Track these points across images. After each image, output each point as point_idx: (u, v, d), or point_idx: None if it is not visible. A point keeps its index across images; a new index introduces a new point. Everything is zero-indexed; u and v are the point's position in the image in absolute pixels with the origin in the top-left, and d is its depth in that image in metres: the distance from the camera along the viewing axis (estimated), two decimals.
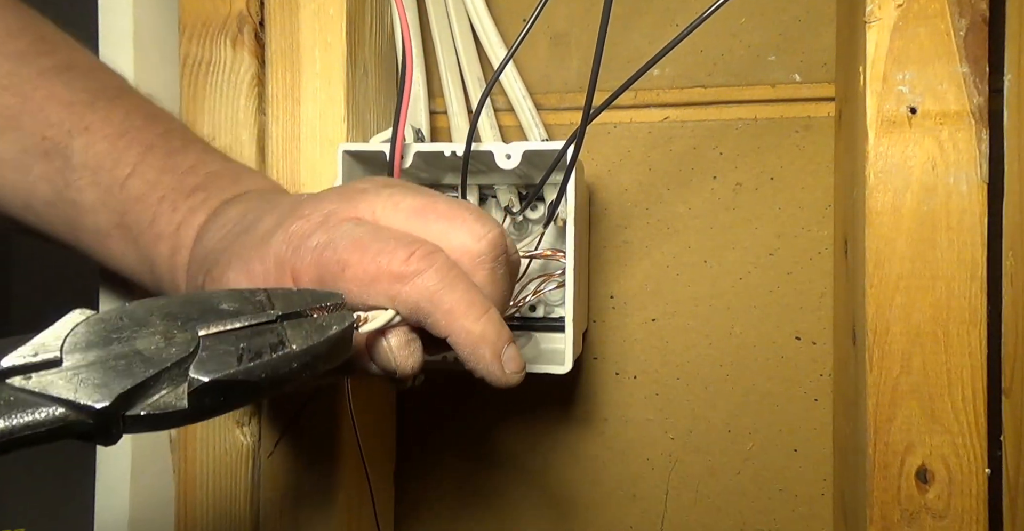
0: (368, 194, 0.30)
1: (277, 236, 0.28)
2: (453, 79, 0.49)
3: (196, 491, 0.46)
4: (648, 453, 0.52)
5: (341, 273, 0.27)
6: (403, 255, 0.27)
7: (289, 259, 0.28)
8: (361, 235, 0.28)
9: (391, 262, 0.27)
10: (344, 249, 0.27)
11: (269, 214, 0.30)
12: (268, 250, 0.28)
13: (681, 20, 0.50)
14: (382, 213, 0.29)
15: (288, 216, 0.29)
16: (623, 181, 0.51)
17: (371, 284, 0.27)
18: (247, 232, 0.30)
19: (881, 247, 0.38)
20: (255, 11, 0.45)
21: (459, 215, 0.29)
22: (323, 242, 0.28)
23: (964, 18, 0.37)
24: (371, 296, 0.28)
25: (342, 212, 0.29)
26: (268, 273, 0.28)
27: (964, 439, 0.37)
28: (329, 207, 0.29)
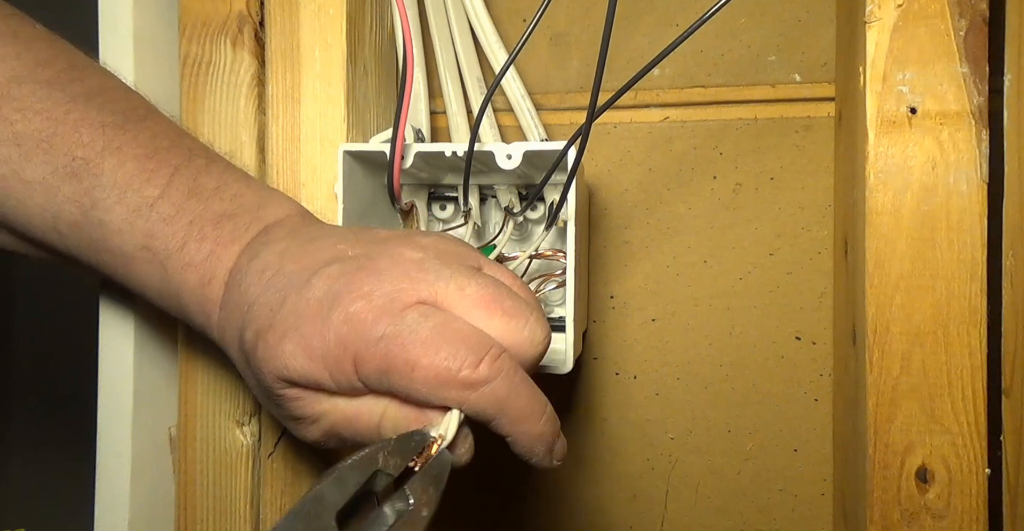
0: (430, 273, 0.30)
1: (337, 315, 0.29)
2: (452, 79, 0.49)
3: (196, 491, 0.46)
4: (648, 453, 0.52)
5: (410, 373, 0.28)
6: (473, 361, 0.28)
7: (352, 344, 0.28)
8: (429, 334, 0.28)
9: (461, 369, 0.28)
10: (412, 347, 0.28)
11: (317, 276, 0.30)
12: (328, 329, 0.28)
13: (681, 20, 0.50)
14: (445, 299, 0.30)
15: (344, 289, 0.29)
16: (623, 181, 0.51)
17: (440, 388, 0.28)
18: (296, 293, 0.30)
19: (881, 247, 0.38)
20: (255, 11, 0.45)
21: (523, 315, 0.30)
22: (390, 335, 0.28)
23: (964, 18, 0.37)
24: (439, 399, 0.28)
25: (404, 296, 0.29)
26: (328, 352, 0.28)
27: (964, 439, 0.37)
28: (389, 287, 0.29)
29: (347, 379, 0.29)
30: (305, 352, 0.29)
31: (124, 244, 0.34)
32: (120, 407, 0.45)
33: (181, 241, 0.33)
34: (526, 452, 0.30)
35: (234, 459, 0.45)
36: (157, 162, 0.34)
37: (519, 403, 0.29)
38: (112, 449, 0.45)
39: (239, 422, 0.45)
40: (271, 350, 0.29)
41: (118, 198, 0.33)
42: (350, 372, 0.29)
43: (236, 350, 0.32)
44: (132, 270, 0.34)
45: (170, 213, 0.33)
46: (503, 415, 0.29)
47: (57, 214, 0.34)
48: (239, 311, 0.32)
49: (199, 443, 0.45)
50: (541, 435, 0.30)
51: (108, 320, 0.45)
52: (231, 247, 0.33)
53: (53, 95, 0.34)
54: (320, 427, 0.31)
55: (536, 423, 0.30)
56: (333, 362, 0.29)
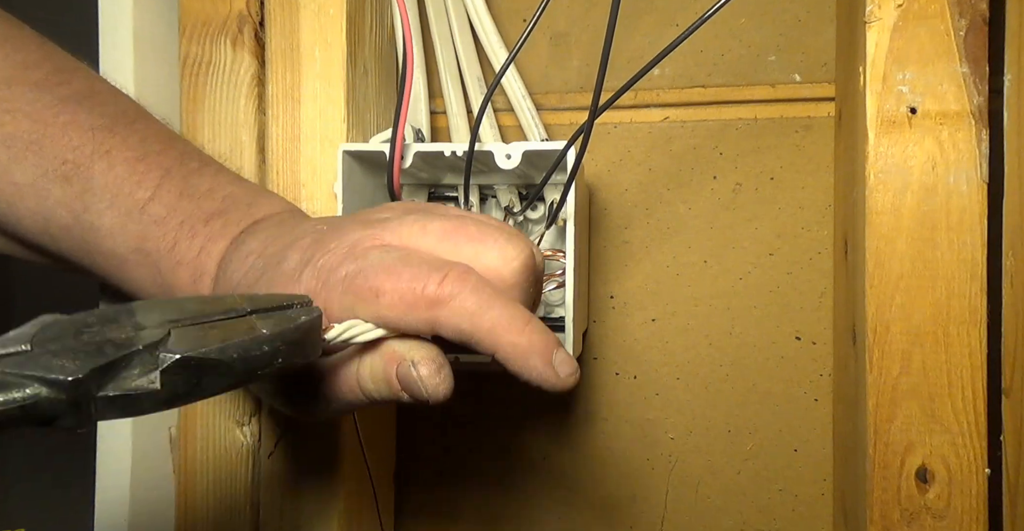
0: (392, 222, 0.30)
1: (307, 272, 0.29)
2: (453, 79, 0.49)
3: (196, 491, 0.46)
4: (648, 453, 0.52)
5: (376, 300, 0.27)
6: (437, 278, 0.27)
7: (320, 292, 0.28)
8: (391, 261, 0.28)
9: (426, 287, 0.27)
10: (375, 276, 0.27)
11: (292, 248, 0.30)
12: (299, 286, 0.29)
13: (681, 20, 0.50)
14: (410, 238, 0.29)
15: (314, 251, 0.29)
16: (623, 181, 0.51)
17: (408, 311, 0.27)
18: (274, 267, 0.30)
19: (881, 247, 0.38)
20: (255, 11, 0.45)
21: (490, 236, 0.29)
22: (352, 271, 0.28)
23: (964, 18, 0.37)
24: (409, 322, 0.28)
25: (367, 240, 0.29)
26: None
27: (964, 439, 0.37)
28: (353, 237, 0.29)
29: None
30: None
31: (116, 247, 0.34)
32: None
33: (172, 241, 0.33)
34: (523, 369, 0.28)
35: (234, 459, 0.45)
36: (147, 165, 0.34)
37: (492, 313, 0.27)
38: (112, 449, 0.45)
39: (239, 422, 0.45)
40: None
41: (109, 202, 0.33)
42: None
43: None
44: (125, 273, 0.34)
45: (161, 215, 0.33)
46: (478, 328, 0.27)
47: (48, 217, 0.34)
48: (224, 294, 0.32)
49: (199, 443, 0.45)
50: (531, 345, 0.28)
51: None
52: (220, 242, 0.33)
53: (42, 97, 0.34)
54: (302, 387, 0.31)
55: (520, 333, 0.28)
56: None
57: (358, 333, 0.28)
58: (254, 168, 0.45)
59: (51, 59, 0.36)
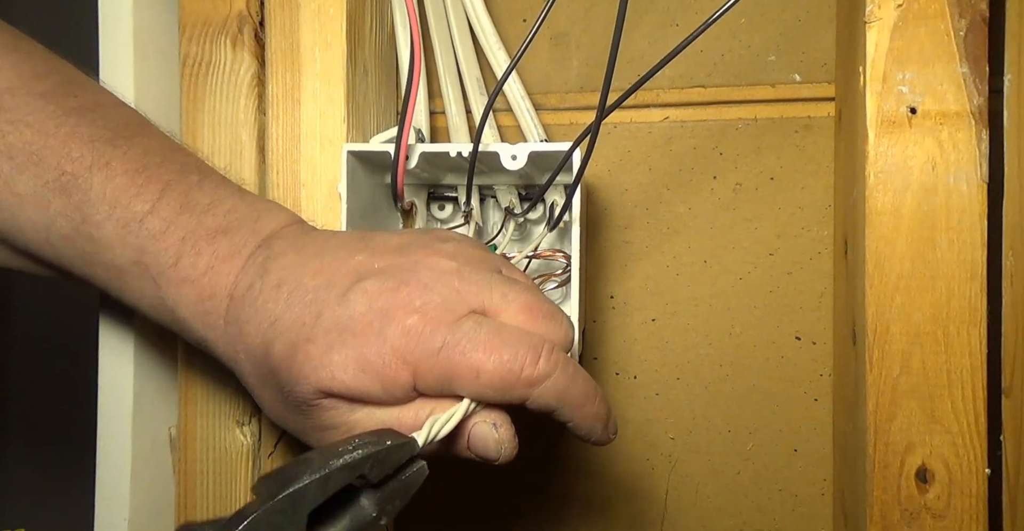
0: (473, 285, 0.32)
1: (392, 329, 0.30)
2: (452, 80, 0.49)
3: (196, 491, 0.46)
4: (648, 453, 0.52)
5: (475, 379, 0.30)
6: (532, 359, 0.30)
7: (412, 357, 0.30)
8: (487, 337, 0.30)
9: (524, 368, 0.30)
10: (474, 353, 0.30)
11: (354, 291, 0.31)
12: (385, 343, 0.30)
13: (682, 20, 0.50)
14: (491, 306, 0.32)
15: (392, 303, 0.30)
16: (623, 181, 0.51)
17: (507, 389, 0.30)
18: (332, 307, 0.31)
19: (881, 247, 0.38)
20: (255, 11, 0.45)
21: (557, 316, 0.33)
22: (450, 344, 0.30)
23: (964, 18, 0.37)
24: (506, 399, 0.31)
25: (458, 307, 0.31)
26: (386, 366, 0.30)
27: (964, 439, 0.37)
28: (440, 300, 0.31)
29: (402, 390, 0.30)
30: (358, 364, 0.30)
31: (116, 258, 0.34)
32: (120, 407, 0.45)
33: (175, 257, 0.33)
34: (587, 433, 0.33)
35: (234, 459, 0.45)
36: (147, 177, 0.34)
37: (577, 391, 0.31)
38: (112, 449, 0.45)
39: (239, 422, 0.45)
40: (314, 361, 0.30)
41: (107, 214, 0.33)
42: (407, 384, 0.30)
43: (252, 364, 0.32)
44: (124, 284, 0.34)
45: (160, 228, 0.33)
46: (565, 404, 0.31)
47: (49, 227, 0.34)
48: (257, 327, 0.32)
49: (199, 443, 0.45)
50: (598, 415, 0.33)
51: (108, 320, 0.45)
52: (231, 261, 0.33)
53: (46, 108, 0.34)
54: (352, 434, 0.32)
55: (593, 405, 0.32)
56: (390, 374, 0.30)
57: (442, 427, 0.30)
58: (254, 168, 0.45)
59: (58, 71, 0.36)
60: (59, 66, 0.36)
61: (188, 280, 0.33)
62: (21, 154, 0.33)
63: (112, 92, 0.38)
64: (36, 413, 0.85)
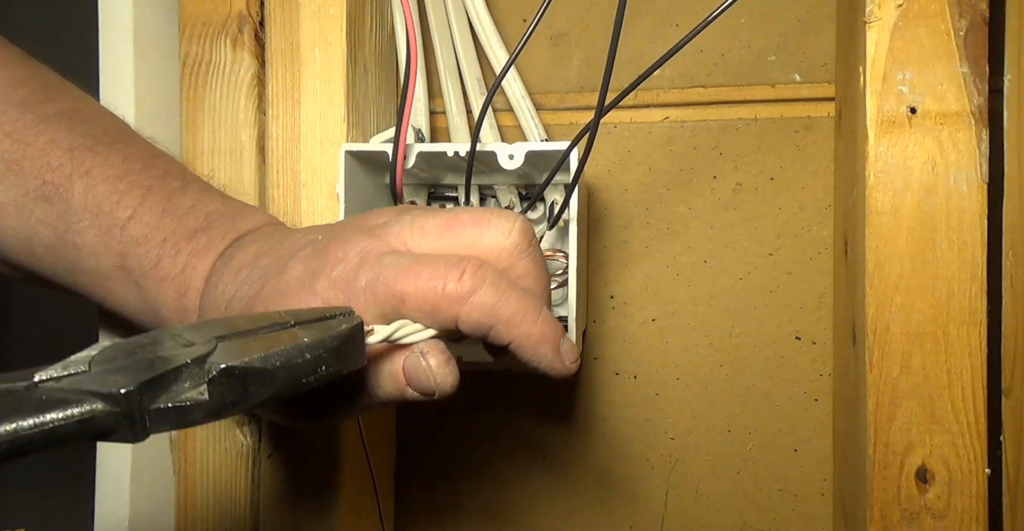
0: (392, 226, 0.31)
1: (320, 283, 0.29)
2: (452, 79, 0.49)
3: (196, 491, 0.46)
4: (648, 453, 0.52)
5: (401, 305, 0.29)
6: (455, 275, 0.28)
7: (342, 302, 0.29)
8: (407, 263, 0.29)
9: (446, 285, 0.28)
10: (395, 280, 0.28)
11: (293, 259, 0.31)
12: (314, 296, 0.29)
13: (682, 20, 0.50)
14: (412, 240, 0.30)
15: (321, 261, 0.30)
16: (623, 181, 0.51)
17: (434, 311, 0.29)
18: (275, 278, 0.31)
19: (881, 247, 0.38)
20: (255, 11, 0.45)
21: (483, 218, 0.30)
22: (371, 279, 0.29)
23: (964, 18, 0.37)
24: (436, 321, 0.29)
25: (375, 248, 0.30)
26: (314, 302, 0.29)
27: (964, 439, 0.37)
28: (360, 246, 0.30)
29: None
30: None
31: (99, 265, 0.34)
32: None
33: (155, 258, 0.34)
34: (534, 357, 0.30)
35: (234, 459, 0.45)
36: (128, 184, 0.34)
37: (510, 306, 0.29)
38: (112, 449, 0.45)
39: (239, 422, 0.45)
40: None
41: (90, 221, 0.33)
42: None
43: None
44: (108, 290, 0.35)
45: (142, 233, 0.34)
46: (498, 321, 0.29)
47: (31, 236, 0.34)
48: (215, 310, 0.32)
49: (199, 443, 0.45)
50: (542, 335, 0.30)
51: (108, 320, 0.45)
52: (205, 257, 0.34)
53: (24, 116, 0.34)
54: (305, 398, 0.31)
55: (533, 323, 0.30)
56: None
57: (408, 333, 0.29)
58: (254, 168, 0.45)
59: (36, 78, 0.36)
60: (37, 72, 0.36)
61: (168, 279, 0.34)
62: (0, 163, 0.33)
63: (91, 98, 0.38)
64: None
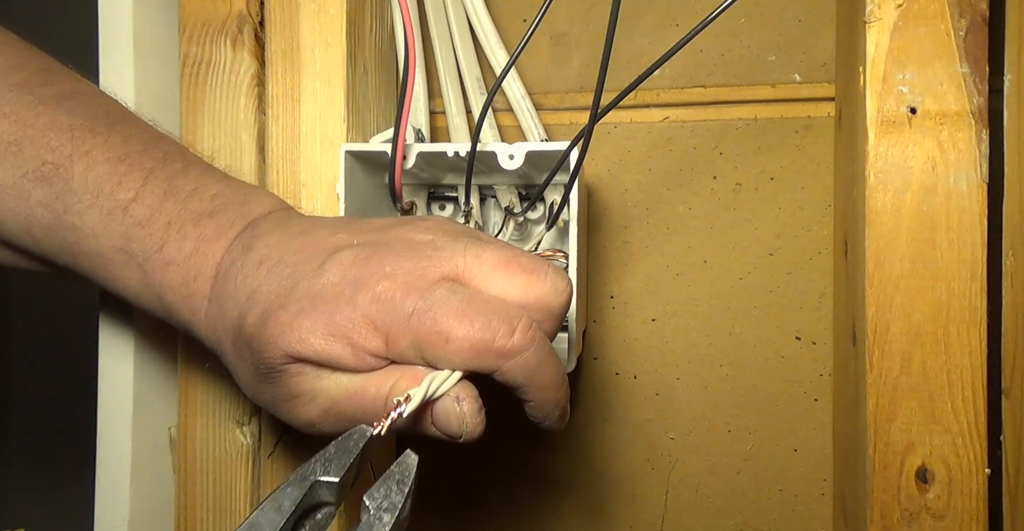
0: (444, 250, 0.31)
1: (363, 297, 0.29)
2: (452, 80, 0.49)
3: (196, 491, 0.46)
4: (648, 453, 0.52)
5: (444, 345, 0.28)
6: (507, 331, 0.29)
7: (383, 322, 0.29)
8: (459, 304, 0.29)
9: (496, 339, 0.28)
10: (445, 319, 0.28)
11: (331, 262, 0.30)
12: (355, 309, 0.29)
13: (682, 20, 0.50)
14: (466, 269, 0.30)
15: (364, 272, 0.30)
16: (623, 181, 0.51)
17: (476, 359, 0.29)
18: (308, 278, 0.30)
19: (881, 247, 0.38)
20: (255, 11, 0.45)
21: (541, 269, 0.31)
22: (420, 309, 0.29)
23: (964, 18, 0.37)
24: (474, 368, 0.29)
25: (426, 273, 0.30)
26: (355, 329, 0.29)
27: (964, 439, 0.37)
28: (409, 265, 0.30)
29: (373, 356, 0.29)
30: (327, 329, 0.29)
31: (100, 247, 0.33)
32: (120, 407, 0.45)
33: (160, 242, 0.33)
34: (543, 415, 0.32)
35: (234, 459, 0.45)
36: (129, 165, 0.34)
37: (548, 372, 0.30)
38: (112, 449, 0.45)
39: (239, 422, 0.45)
40: (283, 326, 0.29)
41: (90, 202, 0.33)
42: (377, 350, 0.29)
43: (230, 339, 0.32)
44: (110, 272, 0.34)
45: (145, 215, 0.33)
46: (532, 383, 0.30)
47: (30, 218, 0.34)
48: (235, 302, 0.31)
49: (199, 443, 0.45)
50: (559, 402, 0.31)
51: (108, 320, 0.45)
52: (216, 243, 0.33)
53: (22, 98, 0.34)
54: (319, 404, 0.31)
55: (558, 390, 0.31)
56: (360, 340, 0.29)
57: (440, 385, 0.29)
58: (254, 168, 0.45)
59: (35, 61, 0.35)
60: (34, 56, 0.36)
61: (174, 263, 0.33)
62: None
63: (90, 82, 0.37)
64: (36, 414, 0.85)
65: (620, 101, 0.34)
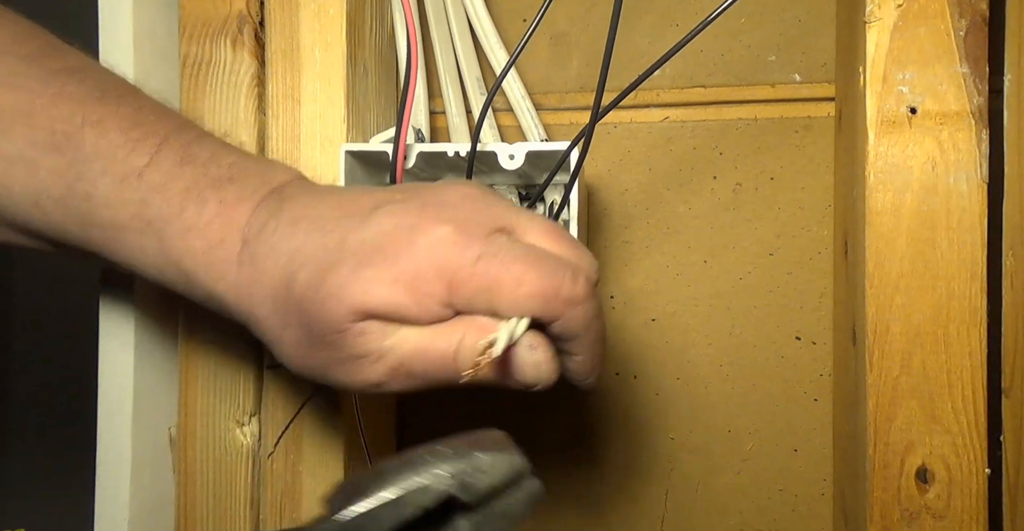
0: (495, 206, 0.31)
1: (423, 239, 0.28)
2: (452, 80, 0.49)
3: (196, 491, 0.46)
4: (648, 453, 0.52)
5: (516, 289, 0.28)
6: (572, 279, 0.29)
7: (447, 267, 0.28)
8: (523, 252, 0.29)
9: (563, 285, 0.28)
10: (514, 264, 0.28)
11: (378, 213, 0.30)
12: (417, 253, 0.28)
13: (682, 20, 0.50)
14: (518, 225, 0.30)
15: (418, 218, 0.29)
16: (623, 181, 0.51)
17: (544, 304, 0.28)
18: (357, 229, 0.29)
19: (881, 247, 0.38)
20: (255, 11, 0.45)
21: (581, 245, 0.31)
22: (488, 253, 0.28)
23: (964, 18, 0.37)
24: (540, 315, 0.29)
25: (485, 221, 0.30)
26: (419, 276, 0.28)
27: (964, 439, 0.37)
28: (467, 215, 0.30)
29: (436, 304, 0.29)
30: (391, 276, 0.28)
31: (114, 216, 0.32)
32: (120, 407, 0.45)
33: (179, 207, 0.32)
34: (587, 372, 0.32)
35: (234, 459, 0.45)
36: (142, 132, 0.33)
37: (598, 325, 0.30)
38: (112, 449, 0.45)
39: (239, 422, 0.45)
40: (344, 280, 0.28)
41: (103, 169, 0.32)
42: (440, 296, 0.28)
43: (270, 304, 0.30)
44: (124, 243, 0.33)
45: (161, 181, 0.32)
46: (587, 334, 0.30)
47: (39, 190, 0.32)
48: (275, 263, 0.30)
49: (199, 443, 0.45)
50: (601, 357, 0.31)
51: (108, 320, 0.45)
52: (239, 207, 0.32)
53: (31, 69, 0.33)
54: (386, 363, 0.30)
55: (602, 347, 0.31)
56: (423, 286, 0.28)
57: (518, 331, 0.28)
58: None
59: (40, 36, 0.35)
60: (40, 32, 0.35)
61: (195, 229, 0.31)
62: (7, 115, 0.32)
63: (95, 59, 0.37)
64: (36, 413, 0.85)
65: (620, 101, 0.34)
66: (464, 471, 0.24)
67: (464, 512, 0.24)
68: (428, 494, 0.23)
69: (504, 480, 0.25)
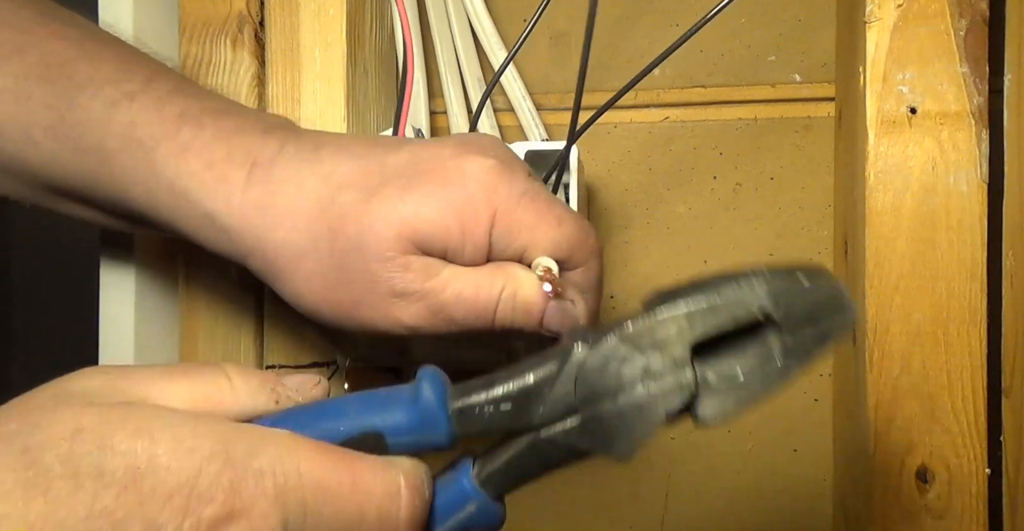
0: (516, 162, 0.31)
1: (471, 165, 0.28)
2: (453, 79, 0.49)
3: None
4: (648, 453, 0.51)
5: (556, 227, 0.29)
6: (593, 231, 0.30)
7: (495, 196, 0.28)
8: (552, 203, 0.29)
9: (589, 235, 0.30)
10: (556, 205, 0.29)
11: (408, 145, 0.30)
12: (467, 176, 0.28)
13: (682, 20, 0.50)
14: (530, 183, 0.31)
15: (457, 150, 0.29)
16: (623, 181, 0.51)
17: (576, 247, 0.29)
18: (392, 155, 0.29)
19: (881, 247, 0.38)
20: (255, 11, 0.45)
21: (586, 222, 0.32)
22: (533, 190, 0.29)
23: (964, 18, 0.37)
24: (571, 257, 0.30)
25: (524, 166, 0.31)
26: (469, 202, 0.28)
27: (964, 439, 0.37)
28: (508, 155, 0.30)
29: (481, 234, 0.28)
30: (442, 198, 0.28)
31: (105, 139, 0.31)
32: None
33: (174, 128, 0.31)
34: None
35: None
36: (136, 65, 0.32)
37: (601, 283, 0.32)
38: None
39: None
40: (393, 200, 0.28)
41: (94, 93, 0.31)
42: (485, 225, 0.28)
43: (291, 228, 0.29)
44: (114, 167, 0.31)
45: (154, 105, 0.31)
46: (596, 287, 0.31)
47: (31, 121, 0.32)
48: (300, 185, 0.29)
49: None
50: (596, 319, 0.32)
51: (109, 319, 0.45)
52: (240, 135, 0.31)
53: (23, 11, 0.33)
54: (427, 305, 0.28)
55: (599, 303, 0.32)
56: (471, 214, 0.28)
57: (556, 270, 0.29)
58: None
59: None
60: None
61: (191, 150, 0.30)
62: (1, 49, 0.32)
63: None
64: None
65: (618, 99, 0.34)
66: (784, 290, 0.23)
67: (775, 331, 0.24)
68: (744, 308, 0.23)
69: (821, 306, 0.24)
